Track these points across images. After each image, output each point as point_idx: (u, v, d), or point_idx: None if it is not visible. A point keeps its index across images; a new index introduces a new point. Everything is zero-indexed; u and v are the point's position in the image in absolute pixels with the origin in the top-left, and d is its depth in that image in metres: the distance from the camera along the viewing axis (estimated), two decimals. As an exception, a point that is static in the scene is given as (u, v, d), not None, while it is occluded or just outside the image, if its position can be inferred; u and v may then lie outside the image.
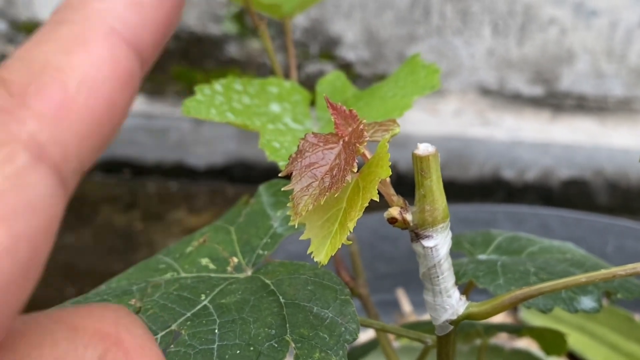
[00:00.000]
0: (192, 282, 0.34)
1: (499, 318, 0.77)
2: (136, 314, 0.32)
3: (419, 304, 0.77)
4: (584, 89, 1.15)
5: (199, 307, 0.32)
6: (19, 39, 1.21)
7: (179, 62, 1.21)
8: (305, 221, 0.30)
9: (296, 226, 0.29)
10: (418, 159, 0.30)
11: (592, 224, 0.80)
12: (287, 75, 0.53)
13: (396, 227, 0.32)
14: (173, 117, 1.23)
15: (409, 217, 0.31)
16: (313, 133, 0.30)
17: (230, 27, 1.19)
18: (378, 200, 0.29)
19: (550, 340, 0.54)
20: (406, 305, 0.78)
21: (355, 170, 0.29)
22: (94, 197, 1.21)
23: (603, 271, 0.33)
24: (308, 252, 0.30)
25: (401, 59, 1.17)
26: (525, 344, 0.73)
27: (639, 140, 1.14)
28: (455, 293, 0.34)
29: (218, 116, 0.41)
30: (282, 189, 0.30)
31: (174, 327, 0.31)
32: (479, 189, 1.20)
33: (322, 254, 0.29)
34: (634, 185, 1.16)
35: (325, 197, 0.29)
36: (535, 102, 1.17)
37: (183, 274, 0.35)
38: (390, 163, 0.29)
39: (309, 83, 1.23)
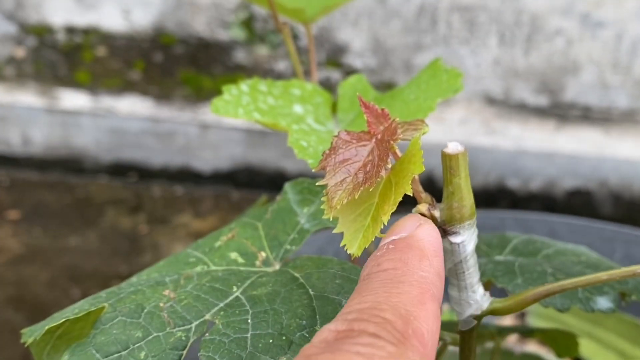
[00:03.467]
0: (222, 274, 0.35)
1: (508, 322, 0.77)
2: (170, 303, 0.33)
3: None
4: (589, 100, 1.16)
5: (231, 298, 0.33)
6: (29, 42, 1.21)
7: (187, 67, 1.22)
8: (338, 215, 0.31)
9: (331, 219, 0.29)
10: (447, 157, 0.31)
11: (599, 231, 0.80)
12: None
13: None
14: (180, 122, 1.23)
15: (437, 213, 0.32)
16: (346, 131, 0.31)
17: (238, 34, 1.20)
18: (411, 194, 0.30)
19: (562, 342, 0.54)
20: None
21: (389, 166, 0.30)
22: (100, 200, 1.22)
23: (624, 269, 0.34)
24: (341, 244, 0.30)
25: (408, 67, 1.18)
26: (534, 348, 0.73)
27: (643, 151, 1.15)
28: (480, 289, 0.34)
29: (245, 115, 0.42)
30: (317, 184, 0.31)
31: (207, 316, 0.32)
32: (484, 198, 1.21)
33: (354, 247, 0.30)
34: (637, 197, 1.17)
35: (359, 191, 0.29)
36: (540, 112, 1.18)
37: (213, 267, 0.36)
38: (423, 160, 0.30)
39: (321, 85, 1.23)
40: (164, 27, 1.20)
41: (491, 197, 1.21)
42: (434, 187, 1.15)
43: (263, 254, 0.37)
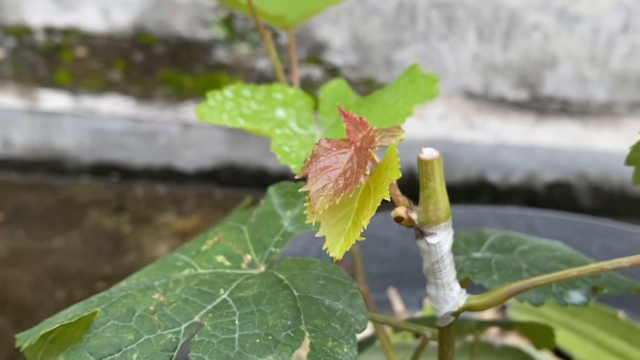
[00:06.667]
0: (210, 277, 0.37)
1: (489, 315, 0.78)
2: (160, 306, 0.35)
3: (410, 304, 0.79)
4: (567, 94, 1.17)
5: (219, 300, 0.35)
6: (7, 43, 1.21)
7: (168, 66, 1.22)
8: (320, 220, 0.32)
9: (313, 224, 0.31)
10: (423, 163, 0.33)
11: (576, 224, 0.82)
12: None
13: (402, 225, 0.34)
14: (161, 121, 1.23)
15: (414, 216, 0.34)
16: (326, 139, 0.33)
17: (218, 32, 1.20)
18: (389, 200, 0.32)
19: (540, 334, 0.56)
20: (398, 305, 0.79)
21: (367, 172, 0.32)
22: (83, 201, 1.22)
23: (592, 265, 0.36)
24: (323, 247, 0.32)
25: (388, 64, 1.19)
26: (515, 340, 0.74)
27: (621, 144, 1.16)
28: (457, 286, 0.36)
29: (230, 121, 0.43)
30: (299, 190, 0.32)
31: (196, 318, 0.34)
32: (464, 192, 1.22)
33: (336, 250, 0.32)
34: (616, 189, 1.18)
35: (340, 197, 0.31)
36: (519, 106, 1.19)
37: (200, 270, 0.38)
38: (400, 166, 0.31)
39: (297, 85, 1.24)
40: (144, 26, 1.20)
41: (472, 192, 1.23)
42: (415, 182, 1.16)
43: (248, 257, 0.38)
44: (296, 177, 0.33)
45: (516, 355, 0.67)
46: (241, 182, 1.25)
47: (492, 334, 0.76)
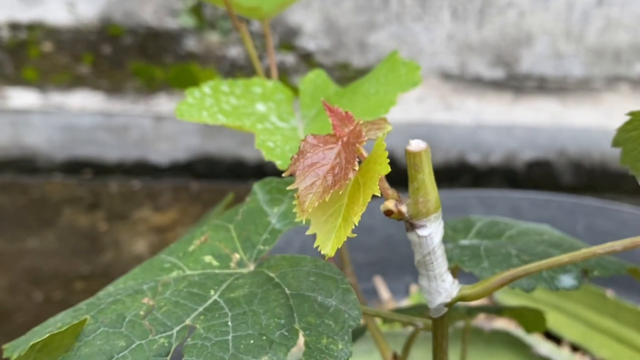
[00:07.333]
0: (199, 278, 0.36)
1: (477, 300, 0.77)
2: (150, 311, 0.34)
3: (397, 291, 0.78)
4: (544, 70, 1.17)
5: (209, 302, 0.35)
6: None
7: (137, 58, 1.19)
8: (309, 217, 0.32)
9: (304, 222, 0.31)
10: (411, 155, 0.32)
11: (561, 204, 0.81)
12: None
13: (392, 218, 0.33)
14: (133, 114, 1.21)
15: (404, 208, 0.33)
16: (313, 135, 0.32)
17: (187, 21, 1.17)
18: (379, 195, 0.31)
19: (530, 318, 0.56)
20: (384, 293, 0.78)
21: (356, 168, 0.31)
22: (56, 199, 1.19)
23: (583, 250, 0.35)
24: (314, 245, 0.31)
25: (362, 47, 1.17)
26: (502, 324, 0.74)
27: (600, 119, 1.16)
28: (449, 277, 0.36)
29: (210, 118, 0.42)
30: (287, 188, 0.32)
31: (188, 321, 0.34)
32: (445, 174, 1.21)
33: (328, 247, 0.31)
34: (597, 164, 1.18)
35: (329, 194, 0.30)
36: (496, 85, 1.18)
37: (189, 272, 0.38)
38: (388, 160, 0.31)
39: (268, 74, 1.22)
40: (111, 18, 1.17)
41: (453, 173, 1.22)
42: (396, 167, 1.15)
43: (237, 256, 0.38)
44: (283, 175, 0.32)
45: (505, 340, 0.67)
46: (217, 174, 1.23)
47: (480, 318, 0.75)
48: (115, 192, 1.21)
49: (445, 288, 0.35)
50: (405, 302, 0.78)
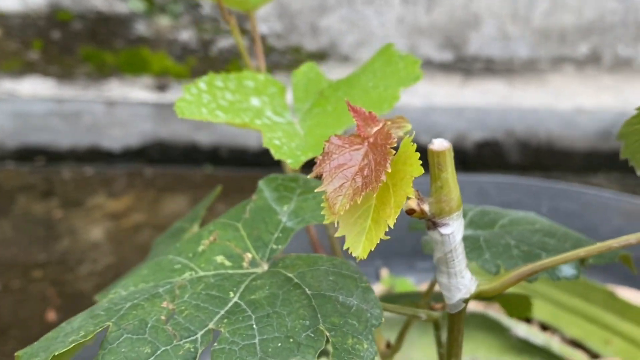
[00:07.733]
0: (215, 280, 0.35)
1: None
2: (171, 315, 0.33)
3: (367, 275, 0.79)
4: (491, 52, 1.19)
5: (230, 304, 0.34)
6: None
7: (87, 43, 1.18)
8: (338, 219, 0.31)
9: (336, 225, 0.30)
10: (435, 154, 0.32)
11: (526, 187, 0.83)
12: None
13: (414, 217, 0.33)
14: (85, 100, 1.19)
15: (426, 207, 0.33)
16: (337, 135, 0.31)
17: (137, 5, 1.16)
18: (412, 196, 0.31)
19: (515, 303, 0.56)
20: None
21: (389, 170, 0.30)
22: (9, 187, 1.17)
23: (599, 244, 0.36)
24: (345, 247, 0.31)
25: (314, 31, 1.18)
26: (479, 307, 0.75)
27: (546, 100, 1.19)
28: (467, 274, 0.36)
29: (209, 115, 0.41)
30: (316, 191, 0.31)
31: (211, 325, 0.33)
32: (397, 155, 1.23)
33: (359, 249, 0.31)
34: (543, 143, 1.22)
35: (361, 196, 0.30)
36: (446, 68, 1.20)
37: (202, 273, 0.36)
38: (420, 162, 0.30)
39: (221, 58, 1.22)
40: (60, 3, 1.15)
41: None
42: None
43: (249, 255, 0.37)
44: (309, 176, 0.31)
45: (482, 322, 0.68)
46: (171, 159, 1.23)
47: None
48: (68, 179, 1.20)
49: (464, 284, 0.36)
50: (377, 287, 0.79)
